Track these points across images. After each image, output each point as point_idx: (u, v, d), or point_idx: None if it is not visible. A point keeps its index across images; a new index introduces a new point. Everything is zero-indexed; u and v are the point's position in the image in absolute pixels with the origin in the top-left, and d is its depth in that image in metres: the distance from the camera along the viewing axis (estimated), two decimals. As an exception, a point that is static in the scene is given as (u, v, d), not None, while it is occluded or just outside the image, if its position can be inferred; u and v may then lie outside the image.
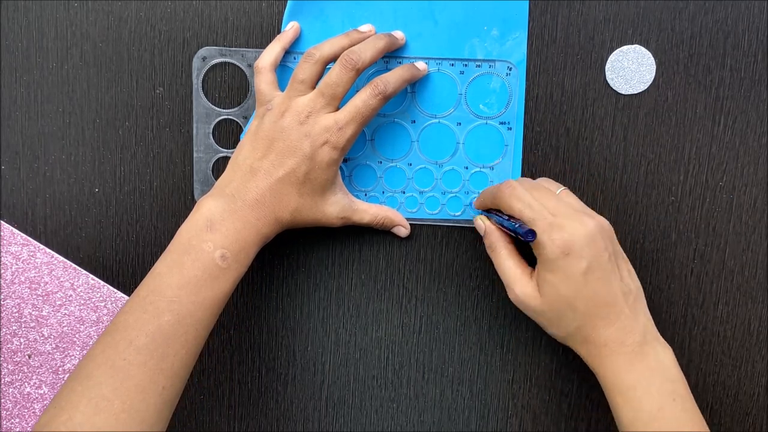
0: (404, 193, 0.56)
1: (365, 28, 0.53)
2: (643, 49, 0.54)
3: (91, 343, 0.55)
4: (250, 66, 0.55)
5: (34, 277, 0.54)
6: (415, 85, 0.55)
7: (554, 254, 0.46)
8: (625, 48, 0.54)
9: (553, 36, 0.54)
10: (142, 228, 0.56)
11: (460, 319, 0.57)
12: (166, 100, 0.55)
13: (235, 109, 0.55)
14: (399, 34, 0.53)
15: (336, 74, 0.49)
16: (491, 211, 0.53)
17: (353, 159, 0.56)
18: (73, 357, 0.55)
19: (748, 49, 0.53)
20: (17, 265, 0.54)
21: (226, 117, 0.55)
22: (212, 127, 0.55)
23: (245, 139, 0.51)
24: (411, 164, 0.56)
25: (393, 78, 0.51)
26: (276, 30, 0.54)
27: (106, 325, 0.55)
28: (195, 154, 0.56)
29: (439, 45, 0.54)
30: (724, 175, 0.55)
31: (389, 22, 0.54)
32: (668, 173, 0.55)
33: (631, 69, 0.54)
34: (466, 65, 0.55)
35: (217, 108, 0.55)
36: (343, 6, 0.54)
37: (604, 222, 0.48)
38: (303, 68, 0.50)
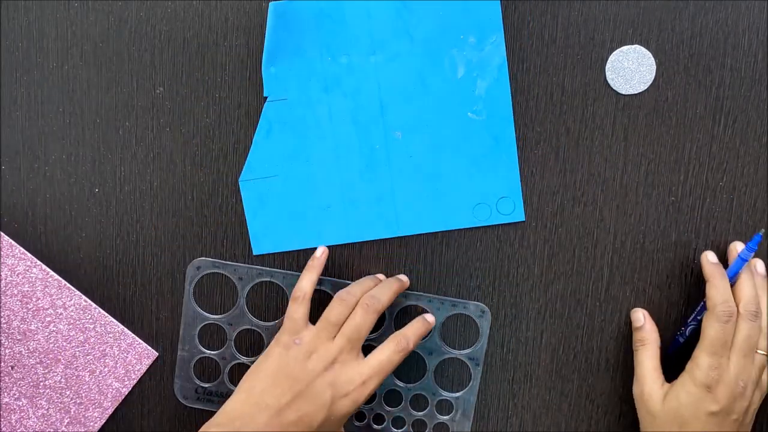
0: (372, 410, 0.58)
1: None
2: (643, 49, 0.54)
3: (75, 363, 0.55)
4: (242, 279, 0.56)
5: (27, 291, 0.54)
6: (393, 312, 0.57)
7: (702, 382, 0.50)
8: (625, 48, 0.54)
9: (553, 36, 0.54)
10: (142, 228, 0.56)
11: (460, 319, 0.57)
12: (167, 100, 0.55)
13: (222, 316, 0.57)
14: (405, 278, 0.56)
15: (360, 317, 0.51)
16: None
17: None
18: (55, 374, 0.55)
19: (749, 48, 0.53)
20: (12, 277, 0.54)
21: (212, 322, 0.57)
22: (198, 329, 0.57)
23: (265, 369, 0.51)
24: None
25: (412, 333, 0.52)
26: (276, 30, 0.54)
27: (93, 346, 0.55)
28: (179, 352, 0.57)
29: (420, 61, 0.54)
30: (724, 175, 0.55)
31: (365, 46, 0.54)
32: (668, 173, 0.55)
33: (631, 69, 0.54)
34: (442, 303, 0.56)
35: (204, 312, 0.57)
36: (320, 39, 0.54)
37: (756, 394, 0.52)
38: (336, 311, 0.51)
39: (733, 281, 0.52)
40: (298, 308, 0.52)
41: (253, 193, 0.56)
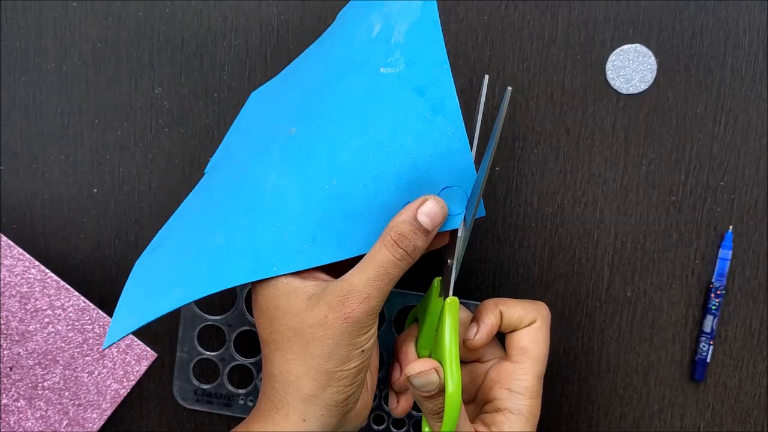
0: None
1: None
2: (644, 48, 0.54)
3: (74, 364, 0.55)
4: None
5: (26, 292, 0.54)
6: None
7: None
8: (625, 47, 0.54)
9: (553, 36, 0.54)
10: (141, 229, 0.56)
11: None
12: (165, 100, 0.55)
13: (221, 317, 0.56)
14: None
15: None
16: None
17: None
18: (54, 375, 0.55)
19: (749, 48, 0.53)
20: (10, 278, 0.54)
21: (211, 323, 0.56)
22: (197, 330, 0.56)
23: None
24: None
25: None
26: (275, 30, 0.54)
27: (91, 347, 0.55)
28: (178, 354, 0.56)
29: (336, 44, 0.45)
30: (725, 175, 0.55)
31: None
32: (669, 173, 0.55)
33: (631, 68, 0.54)
34: None
35: (203, 314, 0.56)
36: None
37: None
38: None
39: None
40: None
41: (138, 272, 0.48)
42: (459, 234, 0.42)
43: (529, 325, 0.46)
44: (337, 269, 0.44)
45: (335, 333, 0.40)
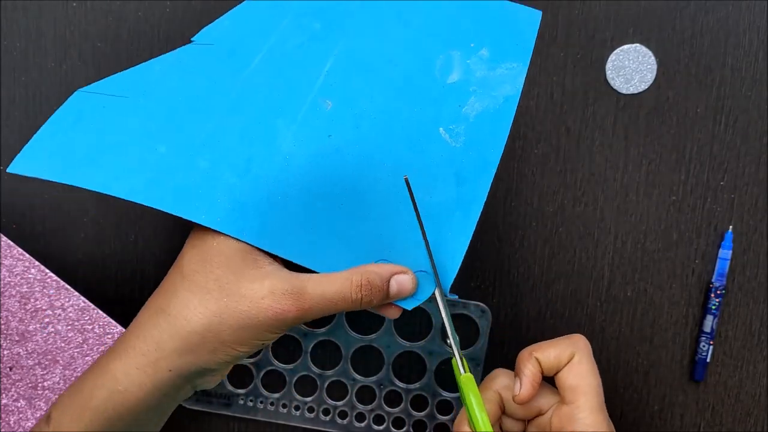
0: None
1: None
2: (644, 48, 0.54)
3: (74, 364, 0.55)
4: None
5: (26, 292, 0.54)
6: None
7: None
8: (625, 47, 0.54)
9: (553, 35, 0.54)
10: (140, 228, 0.56)
11: (460, 319, 0.57)
12: (165, 100, 0.55)
13: None
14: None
15: None
16: None
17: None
18: (54, 375, 0.55)
19: (749, 48, 0.53)
20: (10, 278, 0.54)
21: None
22: None
23: None
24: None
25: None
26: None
27: (91, 347, 0.55)
28: None
29: (403, 51, 0.43)
30: (725, 174, 0.55)
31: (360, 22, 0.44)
32: (669, 173, 0.55)
33: (631, 68, 0.54)
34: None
35: None
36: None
37: None
38: None
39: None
40: None
41: (76, 106, 0.44)
42: (443, 314, 0.44)
43: (569, 361, 0.45)
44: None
45: (257, 317, 0.39)
